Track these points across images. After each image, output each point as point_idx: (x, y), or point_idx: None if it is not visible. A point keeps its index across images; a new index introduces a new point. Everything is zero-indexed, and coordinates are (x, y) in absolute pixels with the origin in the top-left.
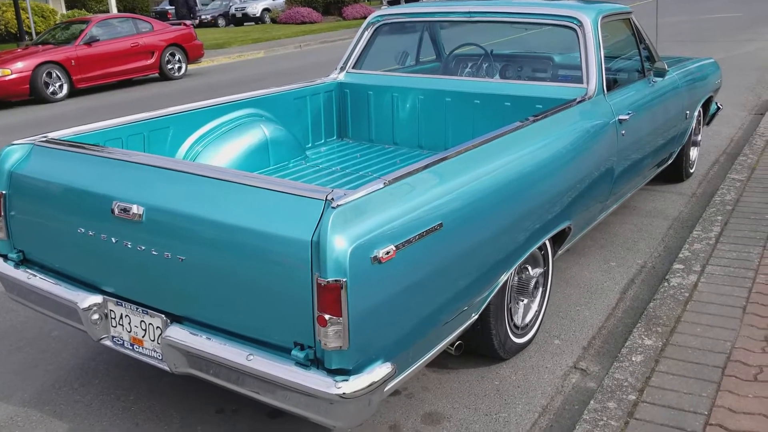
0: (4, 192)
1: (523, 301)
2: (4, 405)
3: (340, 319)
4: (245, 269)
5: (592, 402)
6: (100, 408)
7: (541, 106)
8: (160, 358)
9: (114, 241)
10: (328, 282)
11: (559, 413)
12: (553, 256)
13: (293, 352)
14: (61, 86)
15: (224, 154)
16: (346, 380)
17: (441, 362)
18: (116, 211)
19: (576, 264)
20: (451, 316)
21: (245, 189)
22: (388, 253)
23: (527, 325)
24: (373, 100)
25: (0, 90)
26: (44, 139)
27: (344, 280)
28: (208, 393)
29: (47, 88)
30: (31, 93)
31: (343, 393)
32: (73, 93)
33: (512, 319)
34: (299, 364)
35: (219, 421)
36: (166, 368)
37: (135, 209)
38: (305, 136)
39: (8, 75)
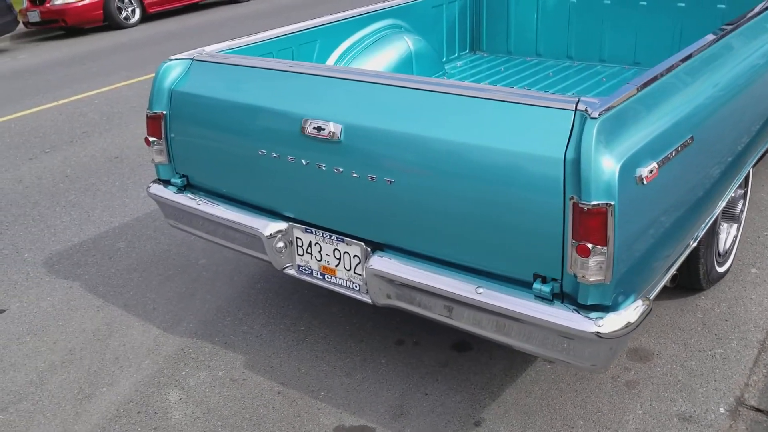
0: (164, 112)
1: (725, 225)
2: (171, 336)
3: (605, 248)
4: (473, 192)
5: None
6: (271, 339)
7: (725, 6)
8: (357, 288)
9: (304, 163)
10: (592, 206)
11: None
12: (751, 175)
13: (535, 285)
14: (133, 11)
15: (371, 68)
16: (602, 318)
17: None
18: (308, 129)
19: (764, 186)
20: (682, 243)
21: (470, 102)
22: (651, 171)
23: (726, 252)
24: (513, 6)
25: (74, 17)
26: (203, 53)
27: (612, 203)
28: (384, 323)
29: (120, 13)
30: (105, 19)
31: (600, 332)
32: (145, 18)
33: (717, 246)
34: (541, 298)
35: (402, 353)
36: (365, 299)
37: (331, 127)
38: (440, 50)
39: (82, 1)
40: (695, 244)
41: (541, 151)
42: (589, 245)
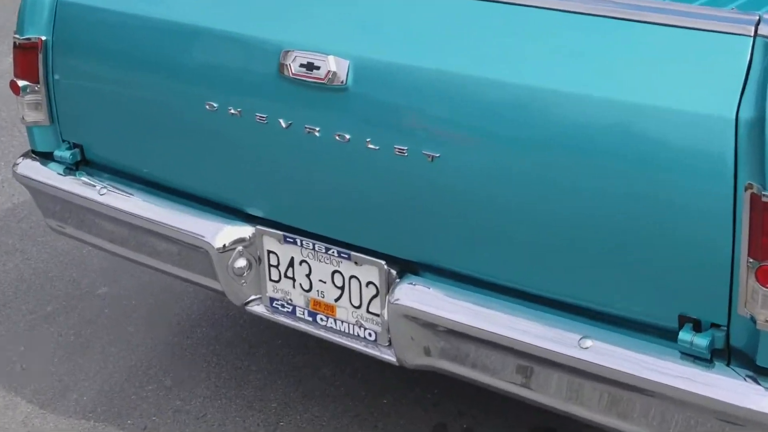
0: (44, 38)
1: None
2: (51, 417)
3: None
4: (576, 177)
5: None
6: (222, 423)
7: None
8: (373, 338)
9: (284, 125)
10: None
11: None
12: None
13: (683, 335)
14: None
15: None
16: None
17: None
18: (292, 68)
19: None
20: None
21: (569, 20)
22: None
23: None
24: None
25: None
26: None
27: None
28: (413, 396)
29: None
30: None
31: None
32: None
33: None
34: (691, 356)
35: None
36: (387, 357)
37: (331, 64)
38: None
39: None
40: None
41: (695, 105)
42: None
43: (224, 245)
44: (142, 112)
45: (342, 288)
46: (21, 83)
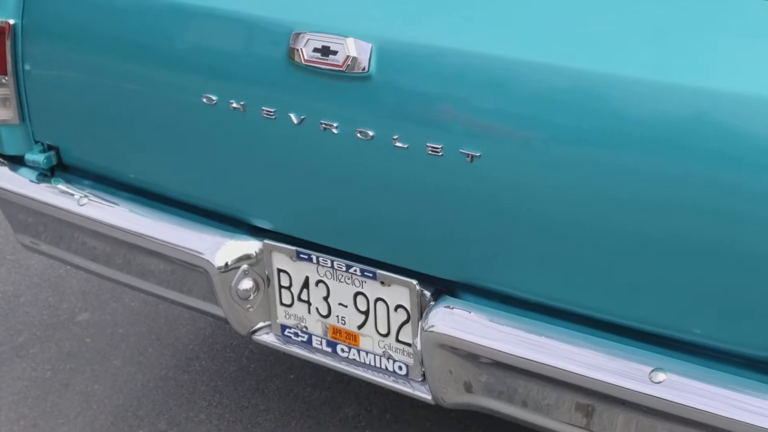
0: (11, 22)
1: None
2: None
3: None
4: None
5: None
6: None
7: None
8: (404, 373)
9: (296, 121)
10: None
11: None
12: None
13: None
14: None
15: None
16: None
17: None
18: (305, 53)
19: None
20: None
21: None
22: None
23: None
24: None
25: None
26: None
27: None
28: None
29: None
30: None
31: None
32: None
33: None
34: None
35: None
36: (422, 395)
37: (350, 48)
38: None
39: None
40: None
41: None
42: None
43: (226, 263)
44: (128, 107)
45: (366, 313)
46: None
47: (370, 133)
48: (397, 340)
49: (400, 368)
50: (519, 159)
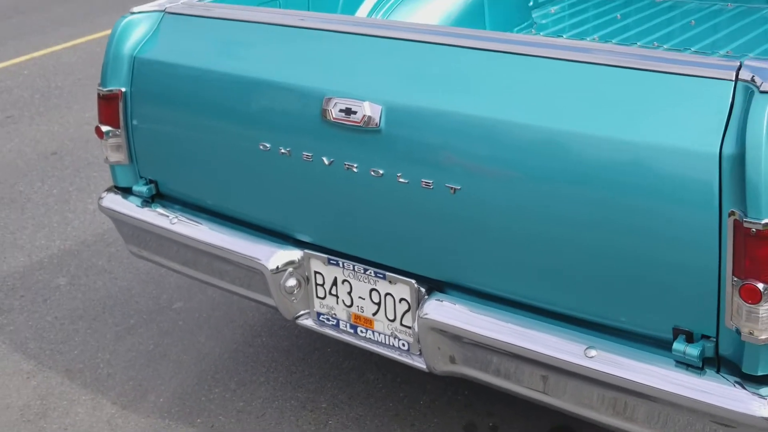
0: (123, 90)
1: None
2: (132, 417)
3: None
4: (579, 206)
5: None
6: (279, 421)
7: None
8: (406, 348)
9: (327, 162)
10: (764, 226)
11: None
12: None
13: (677, 346)
14: None
15: (420, 19)
16: None
17: None
18: (333, 113)
19: None
20: None
21: (570, 68)
22: None
23: None
24: None
25: None
26: (180, 2)
27: None
28: (446, 398)
29: None
30: None
31: None
32: None
33: None
34: (685, 364)
35: None
36: (418, 365)
37: (366, 109)
38: None
39: None
40: None
41: (686, 143)
42: (760, 285)
43: (277, 267)
44: (207, 152)
45: (379, 304)
46: (104, 128)
47: (381, 172)
48: (401, 324)
49: (404, 345)
50: (488, 191)
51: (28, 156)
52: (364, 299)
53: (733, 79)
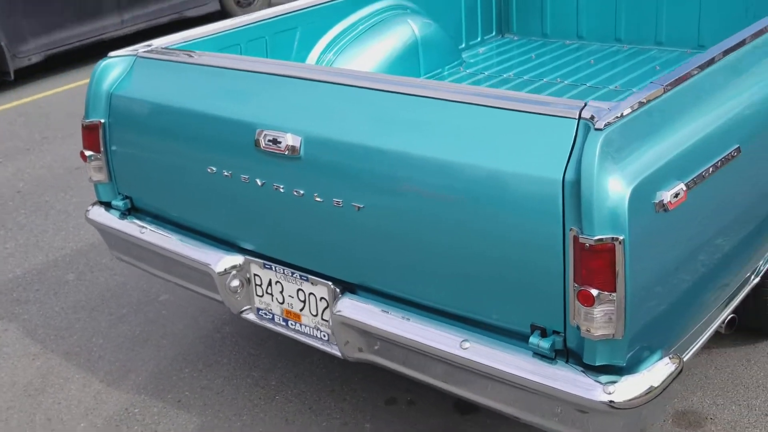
0: (102, 121)
1: None
2: (115, 392)
3: (613, 295)
4: (457, 221)
5: None
6: (234, 396)
7: None
8: (326, 338)
9: (260, 183)
10: (595, 242)
11: None
12: None
13: (532, 339)
14: None
15: (365, 61)
16: (616, 382)
17: None
18: (263, 143)
19: None
20: (734, 281)
21: (454, 108)
22: (677, 195)
23: None
24: None
25: None
26: (150, 48)
27: (621, 238)
28: (375, 377)
29: None
30: None
31: (613, 400)
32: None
33: None
34: (540, 355)
35: (392, 416)
36: (335, 353)
37: (289, 140)
38: (457, 34)
39: None
40: (757, 279)
41: (537, 170)
42: (594, 291)
43: (224, 269)
44: (169, 172)
45: (304, 302)
46: (87, 153)
47: (302, 192)
48: (322, 319)
49: (324, 336)
50: (384, 209)
51: (56, 171)
52: (293, 297)
53: (577, 117)
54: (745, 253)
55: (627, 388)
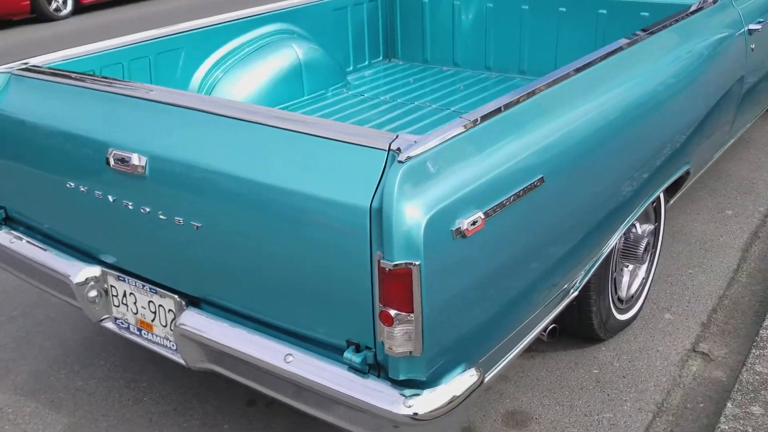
0: None
1: (628, 267)
2: None
3: (411, 315)
4: (280, 243)
5: (729, 405)
6: (105, 397)
7: (648, 14)
8: (175, 348)
9: (111, 200)
10: (394, 266)
11: (679, 414)
12: (665, 208)
13: (346, 354)
14: (65, 2)
15: (248, 83)
16: (418, 395)
17: None
18: (112, 161)
19: (683, 212)
20: (547, 297)
21: (280, 134)
22: (474, 222)
23: (632, 296)
24: (428, 9)
25: None
26: (25, 66)
27: (417, 263)
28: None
29: (49, 4)
30: (32, 10)
31: (415, 413)
32: (79, 9)
33: (616, 292)
34: (354, 369)
35: (250, 417)
36: (181, 361)
37: (135, 159)
38: (345, 58)
39: None
40: (576, 292)
41: (350, 198)
42: (393, 312)
43: (85, 280)
44: (37, 186)
45: (155, 312)
46: None
47: (148, 209)
48: (171, 329)
49: (173, 345)
50: (218, 228)
51: None
52: (145, 308)
53: (387, 149)
54: (557, 271)
55: (426, 401)
